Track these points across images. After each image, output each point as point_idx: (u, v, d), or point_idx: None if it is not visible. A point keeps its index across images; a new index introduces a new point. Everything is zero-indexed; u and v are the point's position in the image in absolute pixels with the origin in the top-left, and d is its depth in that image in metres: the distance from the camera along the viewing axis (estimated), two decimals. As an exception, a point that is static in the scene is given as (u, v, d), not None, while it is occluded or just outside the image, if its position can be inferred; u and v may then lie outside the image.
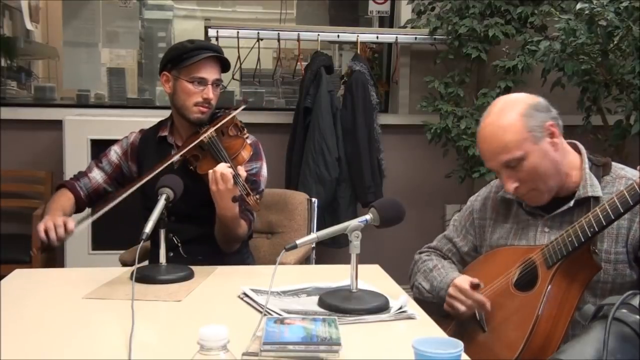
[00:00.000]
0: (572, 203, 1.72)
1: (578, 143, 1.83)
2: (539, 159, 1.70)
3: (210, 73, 2.19)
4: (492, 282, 1.77)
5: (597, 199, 1.68)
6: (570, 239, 1.61)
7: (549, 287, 1.63)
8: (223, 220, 2.10)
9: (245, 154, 2.16)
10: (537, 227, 1.78)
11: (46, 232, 1.98)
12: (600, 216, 1.56)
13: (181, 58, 2.18)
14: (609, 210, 1.55)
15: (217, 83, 2.21)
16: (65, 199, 2.25)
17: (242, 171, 2.03)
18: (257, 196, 2.03)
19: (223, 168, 2.00)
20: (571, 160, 1.77)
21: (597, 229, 1.58)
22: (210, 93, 2.19)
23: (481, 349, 1.70)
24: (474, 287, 1.75)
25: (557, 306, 1.62)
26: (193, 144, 2.13)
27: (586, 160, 1.76)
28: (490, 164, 1.77)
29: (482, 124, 1.77)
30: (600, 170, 1.75)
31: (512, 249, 1.80)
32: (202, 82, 2.18)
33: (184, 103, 2.20)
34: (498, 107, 1.76)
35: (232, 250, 2.22)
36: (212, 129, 2.15)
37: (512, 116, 1.71)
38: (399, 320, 1.57)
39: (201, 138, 2.14)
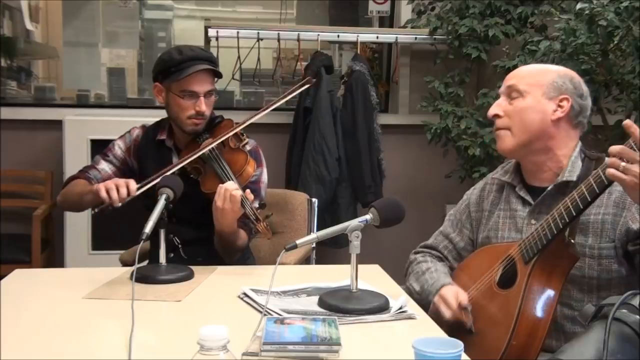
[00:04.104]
0: (549, 187, 1.74)
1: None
2: (533, 109, 1.75)
3: (201, 85, 2.12)
4: (477, 282, 1.78)
5: (576, 184, 1.67)
6: (544, 232, 1.63)
7: (528, 282, 1.64)
8: (222, 236, 2.06)
9: (250, 169, 2.11)
10: (524, 219, 1.79)
11: (107, 192, 1.91)
12: (571, 206, 1.58)
13: (170, 71, 2.12)
14: (578, 200, 1.57)
15: (209, 94, 2.15)
16: (83, 184, 2.19)
17: (249, 195, 1.95)
18: (265, 223, 1.94)
19: (233, 189, 1.93)
20: (569, 148, 1.77)
21: (567, 220, 1.59)
22: (203, 105, 2.12)
23: (470, 350, 1.70)
24: (462, 307, 1.75)
25: (537, 301, 1.63)
26: (192, 158, 2.08)
27: (577, 149, 1.78)
28: (502, 86, 1.83)
29: None
30: (593, 163, 1.75)
31: (495, 247, 1.81)
32: (194, 95, 2.12)
33: (177, 116, 2.16)
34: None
35: (234, 259, 2.19)
36: (214, 144, 2.10)
37: (552, 67, 1.83)
38: (399, 320, 1.57)
39: (201, 152, 2.09)
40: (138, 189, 1.97)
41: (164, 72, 2.15)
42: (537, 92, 1.75)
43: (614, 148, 1.46)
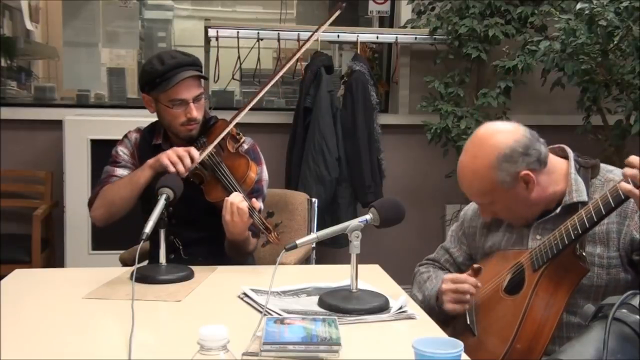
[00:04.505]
0: (558, 210, 1.72)
1: (566, 147, 1.80)
2: (511, 202, 1.71)
3: (189, 92, 2.10)
4: (484, 287, 1.77)
5: (584, 204, 1.64)
6: (555, 241, 1.62)
7: (535, 290, 1.64)
8: (234, 244, 2.07)
9: (253, 175, 2.11)
10: (529, 235, 1.78)
11: (173, 165, 2.00)
12: (585, 218, 1.57)
13: (155, 82, 2.11)
14: (592, 212, 1.55)
15: (198, 98, 2.13)
16: (115, 183, 2.17)
17: (256, 204, 1.97)
18: (276, 233, 1.97)
19: (239, 201, 1.94)
20: (558, 174, 1.74)
21: (580, 231, 1.58)
22: (194, 112, 2.11)
23: (471, 353, 1.70)
24: (476, 272, 1.74)
25: (543, 309, 1.62)
26: (194, 170, 2.08)
27: (572, 165, 1.74)
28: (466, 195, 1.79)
29: (460, 157, 1.76)
30: (589, 172, 1.74)
31: (504, 254, 1.80)
32: (183, 102, 2.11)
33: (170, 124, 2.15)
34: (474, 145, 1.73)
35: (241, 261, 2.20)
36: (211, 147, 2.09)
37: (482, 164, 1.68)
38: (399, 320, 1.57)
39: (201, 158, 2.08)
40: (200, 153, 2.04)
41: (149, 84, 2.14)
42: (499, 194, 1.69)
43: (636, 160, 1.44)
